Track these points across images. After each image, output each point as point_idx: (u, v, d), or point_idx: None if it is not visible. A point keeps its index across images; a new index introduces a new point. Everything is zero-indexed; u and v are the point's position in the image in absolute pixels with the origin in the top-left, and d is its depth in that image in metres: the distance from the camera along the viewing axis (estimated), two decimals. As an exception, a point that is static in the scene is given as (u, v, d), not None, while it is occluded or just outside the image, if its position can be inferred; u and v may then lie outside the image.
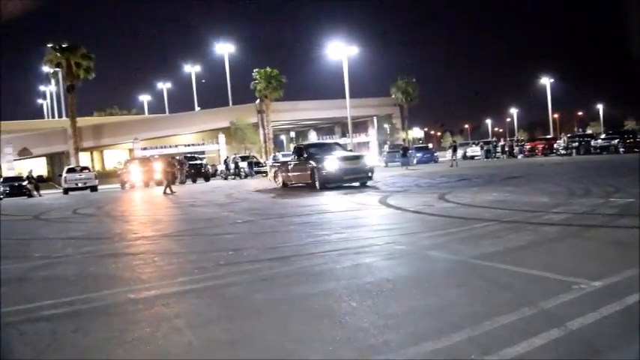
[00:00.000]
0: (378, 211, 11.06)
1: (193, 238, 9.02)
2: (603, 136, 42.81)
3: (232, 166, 39.48)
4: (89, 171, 36.80)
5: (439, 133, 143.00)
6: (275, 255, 6.59)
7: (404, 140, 61.34)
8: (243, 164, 39.05)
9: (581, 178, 16.00)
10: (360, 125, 71.36)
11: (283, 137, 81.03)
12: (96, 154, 61.66)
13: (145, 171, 36.12)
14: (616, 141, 37.58)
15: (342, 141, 60.35)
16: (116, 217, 14.14)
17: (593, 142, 39.72)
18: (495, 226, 7.85)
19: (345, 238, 7.57)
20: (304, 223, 9.78)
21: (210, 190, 24.30)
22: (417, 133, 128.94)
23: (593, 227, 7.30)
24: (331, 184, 17.79)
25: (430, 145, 57.26)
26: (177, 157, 38.59)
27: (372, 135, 66.58)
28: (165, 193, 22.21)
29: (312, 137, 64.39)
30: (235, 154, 43.00)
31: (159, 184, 35.13)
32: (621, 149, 36.30)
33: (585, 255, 5.67)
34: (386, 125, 68.43)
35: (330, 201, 14.18)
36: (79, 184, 33.90)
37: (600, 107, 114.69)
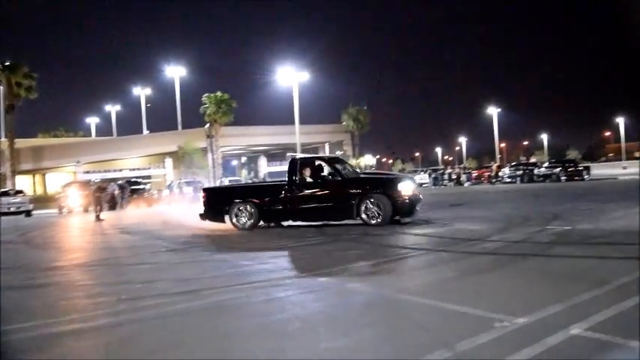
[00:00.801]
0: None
1: (107, 269, 8.28)
2: (546, 164, 43.89)
3: (177, 190, 38.32)
4: (24, 195, 35.00)
5: (391, 161, 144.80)
6: (186, 288, 5.98)
7: (358, 168, 61.52)
8: (188, 189, 37.96)
9: (522, 206, 16.00)
10: (312, 151, 71.40)
11: (236, 162, 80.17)
12: (38, 177, 59.20)
13: (84, 195, 34.58)
14: (558, 169, 38.52)
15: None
16: (36, 245, 13.14)
17: (536, 171, 40.60)
18: (429, 255, 7.49)
19: (268, 269, 7.04)
20: (232, 253, 9.19)
21: (149, 216, 23.30)
22: (368, 160, 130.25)
23: (526, 257, 7.01)
24: (405, 216, 12.28)
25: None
26: (119, 182, 37.32)
27: (323, 161, 66.63)
28: (97, 219, 21.14)
29: (263, 163, 63.71)
30: (180, 179, 41.89)
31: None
32: (563, 177, 37.18)
33: (514, 287, 5.32)
34: (339, 152, 68.61)
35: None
36: (12, 209, 32.05)
37: (545, 137, 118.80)
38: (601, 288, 4.91)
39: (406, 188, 12.12)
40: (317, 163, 13.21)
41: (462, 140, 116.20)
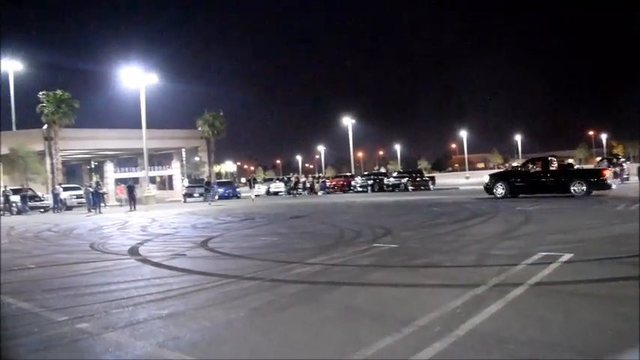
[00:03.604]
0: (107, 263, 9.11)
1: None
2: (395, 174, 45.45)
3: (1, 200, 33.74)
4: None
5: (252, 168, 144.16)
6: None
7: (217, 174, 59.52)
8: (15, 198, 33.66)
9: (360, 219, 15.70)
10: (166, 157, 68.16)
11: (82, 167, 74.12)
12: None
13: None
14: (405, 179, 39.95)
15: (140, 174, 56.79)
16: None
17: (385, 180, 41.79)
18: (231, 286, 6.45)
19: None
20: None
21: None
22: (229, 166, 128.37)
23: (336, 286, 6.24)
24: None
25: (244, 180, 55.88)
26: None
27: (176, 168, 63.62)
28: None
29: (109, 168, 59.30)
30: (6, 187, 37.15)
31: None
32: (410, 187, 38.58)
33: (303, 333, 4.43)
34: (197, 158, 66.14)
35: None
36: None
37: (398, 147, 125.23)
38: (399, 331, 4.19)
39: None
40: None
41: (321, 149, 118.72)
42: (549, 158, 21.62)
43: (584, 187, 19.76)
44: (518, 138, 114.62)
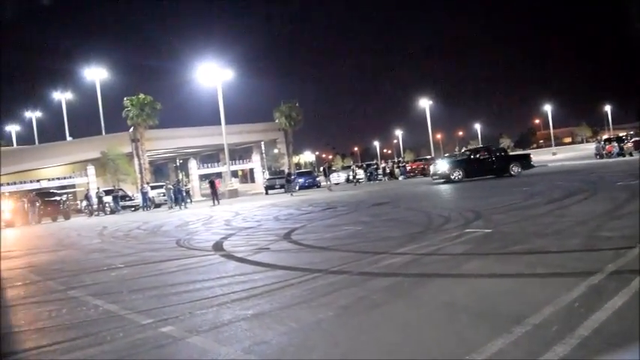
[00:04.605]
0: (194, 261, 9.03)
1: None
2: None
3: (95, 201, 35.50)
4: None
5: (330, 157, 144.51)
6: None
7: (297, 165, 59.96)
8: (108, 198, 35.25)
9: (446, 203, 15.00)
10: (246, 151, 69.34)
11: (169, 166, 77.00)
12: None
13: (-10, 211, 31.67)
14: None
15: (222, 169, 58.05)
16: None
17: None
18: (317, 281, 6.10)
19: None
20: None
21: (50, 233, 21.00)
22: (308, 156, 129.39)
23: (429, 278, 5.74)
24: None
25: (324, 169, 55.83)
26: (31, 194, 34.49)
27: (256, 161, 64.58)
28: None
29: (193, 165, 61.03)
30: (99, 188, 39.02)
31: (9, 225, 30.92)
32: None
33: (400, 335, 3.99)
34: (276, 150, 66.91)
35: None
36: None
37: (478, 127, 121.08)
38: (510, 331, 3.66)
39: None
40: None
41: (399, 133, 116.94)
42: (490, 147, 29.96)
43: (519, 169, 25.88)
44: (607, 109, 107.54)
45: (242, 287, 6.15)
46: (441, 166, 28.32)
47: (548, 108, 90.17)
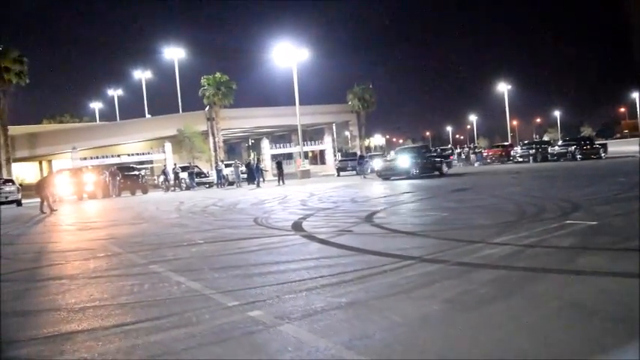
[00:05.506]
0: (275, 240, 8.74)
1: None
2: (560, 143, 41.64)
3: (172, 176, 36.42)
4: (12, 184, 33.41)
5: (401, 140, 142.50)
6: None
7: (367, 148, 59.33)
8: (184, 175, 36.09)
9: (536, 191, 14.06)
10: (318, 132, 69.24)
11: (241, 145, 78.32)
12: (45, 163, 57.65)
13: (75, 183, 33.12)
14: (573, 148, 36.27)
15: (294, 149, 58.21)
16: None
17: (550, 149, 38.40)
18: (412, 269, 5.62)
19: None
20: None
21: (130, 206, 21.55)
22: (378, 140, 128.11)
23: (542, 273, 5.13)
24: None
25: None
26: (112, 168, 35.71)
27: (327, 143, 64.34)
28: (41, 211, 19.45)
29: (265, 145, 61.54)
30: (175, 164, 40.00)
31: (92, 196, 32.29)
32: (578, 156, 35.04)
33: (524, 338, 3.45)
34: (347, 132, 66.48)
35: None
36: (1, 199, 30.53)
37: (557, 114, 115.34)
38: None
39: None
40: None
41: (473, 119, 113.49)
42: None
43: (447, 168, 28.09)
44: None
45: (330, 272, 5.77)
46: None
47: (636, 95, 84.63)
